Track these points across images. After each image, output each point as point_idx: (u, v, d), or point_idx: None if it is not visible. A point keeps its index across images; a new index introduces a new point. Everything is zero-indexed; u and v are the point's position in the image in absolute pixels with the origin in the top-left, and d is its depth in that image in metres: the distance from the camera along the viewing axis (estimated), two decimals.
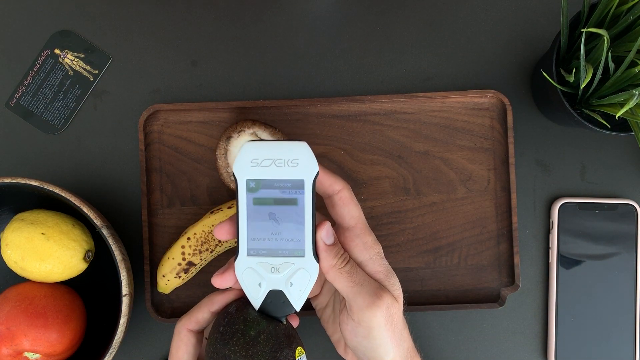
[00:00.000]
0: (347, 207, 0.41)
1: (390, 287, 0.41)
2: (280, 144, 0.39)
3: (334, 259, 0.39)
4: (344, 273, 0.40)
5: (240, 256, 0.39)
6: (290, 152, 0.38)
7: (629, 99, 0.43)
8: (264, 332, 0.38)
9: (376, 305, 0.39)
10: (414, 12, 0.58)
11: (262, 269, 0.39)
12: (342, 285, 0.40)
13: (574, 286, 0.56)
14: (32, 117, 0.57)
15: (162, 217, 0.57)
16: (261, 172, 0.38)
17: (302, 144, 0.39)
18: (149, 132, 0.57)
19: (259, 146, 0.39)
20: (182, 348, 0.41)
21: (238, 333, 0.38)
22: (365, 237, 0.41)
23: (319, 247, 0.39)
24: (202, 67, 0.58)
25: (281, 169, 0.38)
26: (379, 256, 0.42)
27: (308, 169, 0.38)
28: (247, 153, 0.39)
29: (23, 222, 0.50)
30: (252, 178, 0.39)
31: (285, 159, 0.38)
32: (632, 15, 0.45)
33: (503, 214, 0.57)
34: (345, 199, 0.40)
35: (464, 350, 0.57)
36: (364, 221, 0.41)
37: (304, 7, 0.58)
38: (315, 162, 0.38)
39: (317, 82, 0.58)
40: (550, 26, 0.58)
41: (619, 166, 0.57)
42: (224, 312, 0.40)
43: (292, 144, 0.39)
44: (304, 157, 0.38)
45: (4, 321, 0.48)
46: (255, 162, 0.38)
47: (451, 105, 0.57)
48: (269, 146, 0.39)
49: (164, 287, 0.55)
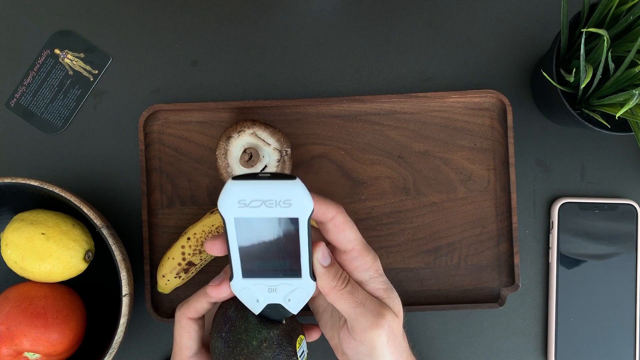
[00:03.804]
0: (342, 232, 0.39)
1: (391, 303, 0.41)
2: (269, 184, 0.35)
3: (334, 281, 0.38)
4: (345, 294, 0.39)
5: (235, 278, 0.38)
6: (282, 192, 0.34)
7: (629, 99, 0.43)
8: (266, 340, 0.39)
9: (379, 326, 0.39)
10: (414, 12, 0.58)
11: (259, 289, 0.38)
12: (344, 307, 0.39)
13: (574, 286, 0.56)
14: (32, 117, 0.57)
15: (162, 217, 0.57)
16: (250, 212, 0.35)
17: (294, 183, 0.35)
18: (149, 132, 0.57)
19: (246, 186, 0.35)
20: (185, 335, 0.42)
21: (241, 343, 0.39)
22: (364, 257, 0.40)
23: (317, 271, 0.38)
24: (202, 67, 0.58)
25: (272, 209, 0.35)
26: (379, 273, 0.41)
27: (302, 207, 0.35)
28: (232, 193, 0.35)
29: (23, 222, 0.50)
30: (241, 216, 0.35)
31: (277, 200, 0.35)
32: (632, 15, 0.45)
33: (503, 214, 0.57)
34: (339, 225, 0.38)
35: (464, 350, 0.57)
36: (361, 242, 0.40)
37: (304, 7, 0.58)
38: (310, 200, 0.35)
39: (317, 82, 0.58)
40: (550, 26, 0.58)
41: (619, 166, 0.57)
42: (224, 316, 0.40)
43: (283, 184, 0.35)
44: (298, 196, 0.35)
45: (4, 321, 0.48)
46: (242, 202, 0.35)
47: (451, 105, 0.57)
48: (258, 186, 0.35)
49: (164, 287, 0.55)
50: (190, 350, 0.42)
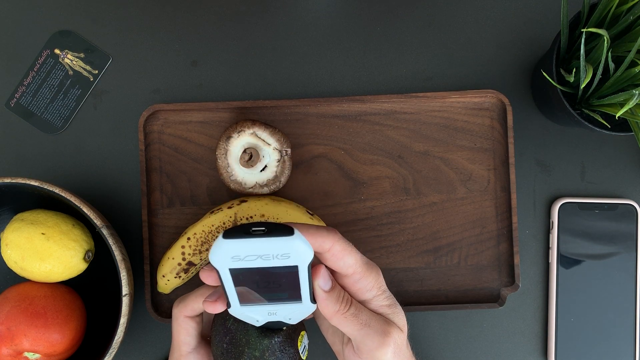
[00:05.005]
0: (341, 260, 0.38)
1: (395, 318, 0.40)
2: (265, 242, 0.32)
3: (336, 305, 0.38)
4: (349, 316, 0.38)
5: (233, 307, 0.37)
6: (280, 248, 0.32)
7: (629, 99, 0.43)
8: (268, 349, 0.38)
9: (386, 345, 0.39)
10: (414, 12, 0.58)
11: (258, 314, 0.37)
12: (348, 330, 0.38)
13: (574, 286, 0.56)
14: (32, 117, 0.57)
15: (162, 217, 0.57)
16: (246, 264, 0.33)
17: (292, 239, 0.32)
18: (149, 132, 0.57)
19: (239, 244, 0.32)
20: (183, 332, 0.41)
21: (244, 355, 0.38)
22: (366, 279, 0.39)
23: (318, 296, 0.37)
24: (202, 67, 0.58)
25: (269, 261, 0.32)
26: (382, 290, 0.40)
27: (302, 258, 0.33)
28: (225, 251, 0.32)
29: (23, 222, 0.50)
30: (235, 268, 0.33)
31: (274, 254, 0.32)
32: (632, 15, 0.45)
33: (503, 214, 0.57)
34: (337, 254, 0.37)
35: (464, 350, 0.57)
36: (362, 264, 0.39)
37: (304, 7, 0.58)
38: (310, 250, 0.33)
39: (317, 82, 0.58)
40: (550, 26, 0.58)
41: (619, 166, 0.57)
42: (223, 327, 0.39)
43: (280, 242, 0.32)
44: (297, 250, 0.32)
45: (4, 321, 0.48)
46: (237, 257, 0.32)
47: (451, 105, 0.57)
48: (252, 244, 0.32)
49: (164, 287, 0.55)
50: (189, 346, 0.42)
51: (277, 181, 0.54)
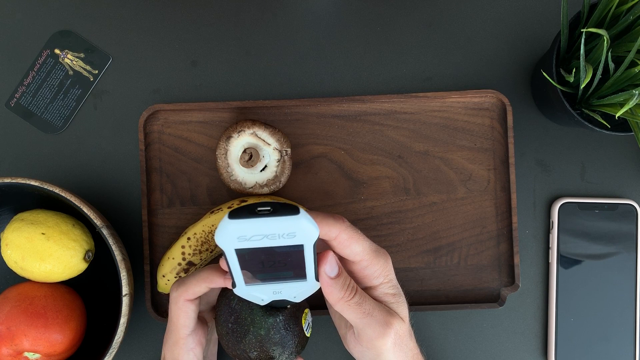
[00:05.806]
0: (348, 248, 0.38)
1: (398, 308, 0.41)
2: (271, 221, 0.32)
3: (341, 292, 0.38)
4: (353, 304, 0.38)
5: (238, 286, 0.37)
6: (286, 227, 0.32)
7: (629, 99, 0.43)
8: (273, 327, 0.39)
9: (386, 335, 0.39)
10: (414, 12, 0.58)
11: (263, 293, 0.38)
12: (351, 317, 0.39)
13: (574, 286, 0.56)
14: (32, 117, 0.57)
15: (162, 217, 0.57)
16: (251, 244, 0.33)
17: (298, 218, 0.32)
18: (149, 132, 0.57)
19: (245, 224, 0.32)
20: (182, 315, 0.42)
21: (250, 334, 0.39)
22: (374, 266, 0.39)
23: (323, 282, 0.37)
24: (202, 67, 0.58)
25: (275, 240, 0.33)
26: (389, 279, 0.40)
27: (308, 237, 0.33)
28: (231, 231, 0.32)
29: (23, 222, 0.50)
30: (242, 247, 0.33)
31: (280, 233, 0.32)
32: (632, 15, 0.45)
33: (503, 214, 0.57)
34: (344, 242, 0.38)
35: (464, 350, 0.57)
36: (370, 251, 0.39)
37: (303, 7, 0.58)
38: (315, 228, 0.33)
39: (317, 82, 0.58)
40: (550, 26, 0.58)
41: (619, 166, 0.57)
42: (228, 307, 0.40)
43: (286, 220, 0.32)
44: (303, 229, 0.32)
45: (4, 321, 0.48)
46: (242, 237, 0.32)
47: (451, 105, 0.57)
48: (258, 224, 0.32)
49: (164, 287, 0.55)
50: (188, 329, 0.42)
51: (277, 181, 0.54)
